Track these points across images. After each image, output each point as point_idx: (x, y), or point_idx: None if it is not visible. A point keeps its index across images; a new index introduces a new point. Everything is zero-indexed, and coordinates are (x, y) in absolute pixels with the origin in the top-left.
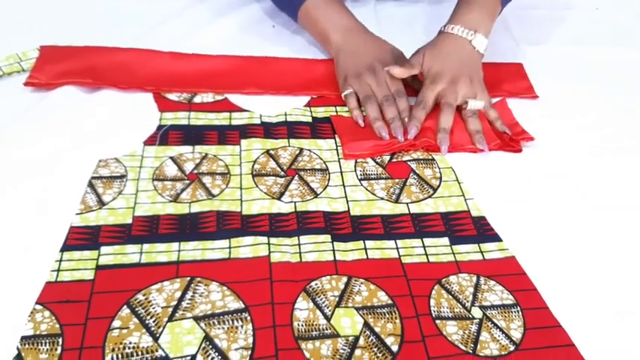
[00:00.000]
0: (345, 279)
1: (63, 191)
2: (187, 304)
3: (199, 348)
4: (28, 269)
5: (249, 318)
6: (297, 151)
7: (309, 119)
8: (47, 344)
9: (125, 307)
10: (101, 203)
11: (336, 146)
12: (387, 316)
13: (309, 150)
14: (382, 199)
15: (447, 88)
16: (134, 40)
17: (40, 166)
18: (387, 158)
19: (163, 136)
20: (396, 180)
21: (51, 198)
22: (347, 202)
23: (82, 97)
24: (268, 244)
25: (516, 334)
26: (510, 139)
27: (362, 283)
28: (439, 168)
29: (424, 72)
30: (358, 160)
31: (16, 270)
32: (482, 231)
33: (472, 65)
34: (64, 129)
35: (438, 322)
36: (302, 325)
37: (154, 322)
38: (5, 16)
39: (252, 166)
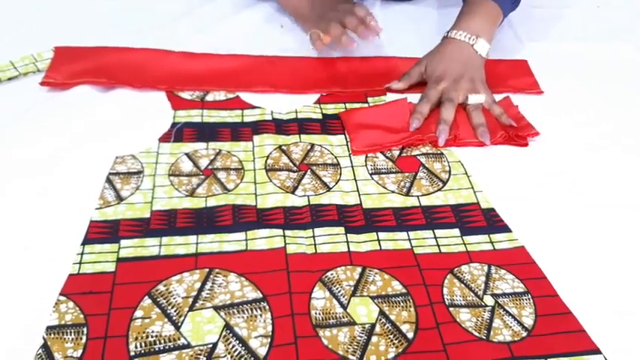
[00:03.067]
0: (359, 269)
1: (81, 187)
2: (207, 294)
3: (220, 336)
4: (49, 263)
5: (267, 307)
6: (309, 147)
7: (320, 116)
8: (72, 334)
9: (147, 297)
10: (119, 198)
11: (346, 142)
12: (402, 304)
13: (320, 145)
14: (393, 192)
15: (449, 86)
16: (144, 39)
17: (57, 163)
18: (396, 153)
19: (178, 133)
20: (406, 174)
21: (69, 194)
22: (359, 195)
23: (97, 95)
24: (284, 236)
25: (528, 321)
26: (516, 134)
27: (376, 273)
28: (448, 162)
29: (428, 77)
30: (368, 155)
31: (38, 263)
32: (491, 222)
33: (474, 67)
34: (80, 127)
35: (451, 309)
36: (319, 314)
37: (175, 311)
38: (16, 17)
39: (266, 162)
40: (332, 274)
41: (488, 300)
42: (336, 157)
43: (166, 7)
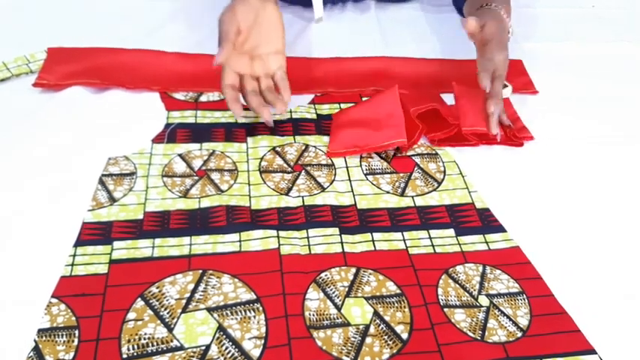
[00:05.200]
0: (354, 270)
1: (74, 189)
2: (200, 295)
3: (213, 338)
4: (41, 264)
5: (261, 308)
6: (303, 147)
7: (314, 116)
8: (64, 336)
9: (139, 299)
10: (112, 200)
11: None
12: (396, 305)
13: (314, 146)
14: (388, 192)
15: (504, 64)
16: (137, 40)
17: (50, 165)
18: (391, 153)
19: (171, 134)
20: (401, 174)
21: (62, 195)
22: (353, 196)
23: (89, 97)
24: (278, 237)
25: (523, 321)
26: (513, 134)
27: (371, 274)
28: (443, 162)
29: (486, 36)
30: (363, 156)
31: (30, 265)
32: (486, 222)
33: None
34: (73, 128)
35: (446, 310)
36: (313, 315)
37: (168, 313)
38: (11, 18)
39: (260, 163)
40: (326, 275)
41: (483, 300)
42: (330, 158)
43: (159, 8)
